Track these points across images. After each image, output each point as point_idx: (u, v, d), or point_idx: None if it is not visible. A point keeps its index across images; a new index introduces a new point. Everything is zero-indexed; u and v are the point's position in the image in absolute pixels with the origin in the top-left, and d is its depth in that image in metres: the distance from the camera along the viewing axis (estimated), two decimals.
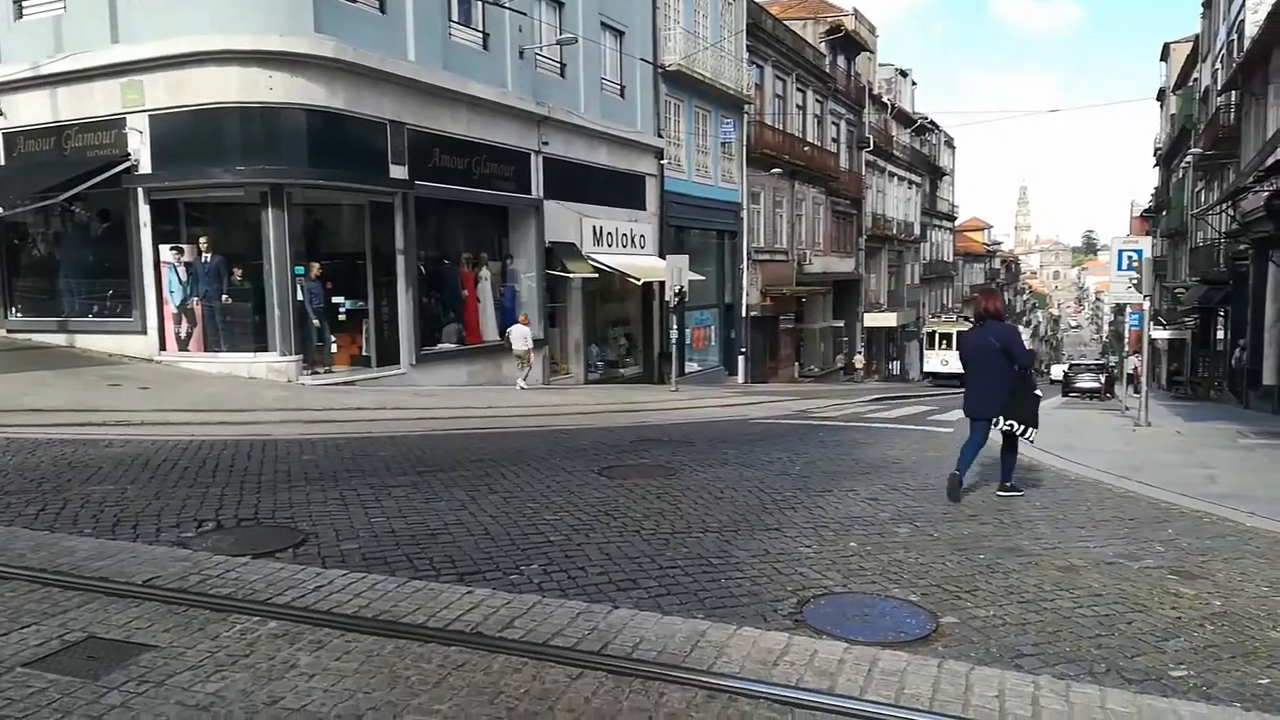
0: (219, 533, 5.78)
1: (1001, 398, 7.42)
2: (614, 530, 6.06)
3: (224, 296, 14.71)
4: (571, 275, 20.63)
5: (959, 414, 16.42)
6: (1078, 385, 34.21)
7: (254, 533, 5.82)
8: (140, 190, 14.60)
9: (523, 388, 18.03)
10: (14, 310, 16.50)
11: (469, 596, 4.56)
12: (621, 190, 23.31)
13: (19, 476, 7.13)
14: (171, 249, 14.74)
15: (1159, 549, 6.04)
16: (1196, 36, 40.72)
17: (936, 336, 42.30)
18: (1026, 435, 7.54)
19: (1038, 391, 7.86)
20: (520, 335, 18.15)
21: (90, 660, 3.75)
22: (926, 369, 42.78)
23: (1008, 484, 7.67)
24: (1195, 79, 40.41)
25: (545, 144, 19.81)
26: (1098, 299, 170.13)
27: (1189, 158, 34.70)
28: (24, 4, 15.67)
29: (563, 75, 20.81)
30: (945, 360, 40.79)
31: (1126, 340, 28.20)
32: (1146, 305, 13.95)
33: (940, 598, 4.90)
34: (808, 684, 3.65)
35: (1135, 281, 13.77)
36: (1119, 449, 10.33)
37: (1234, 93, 27.59)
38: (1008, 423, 7.42)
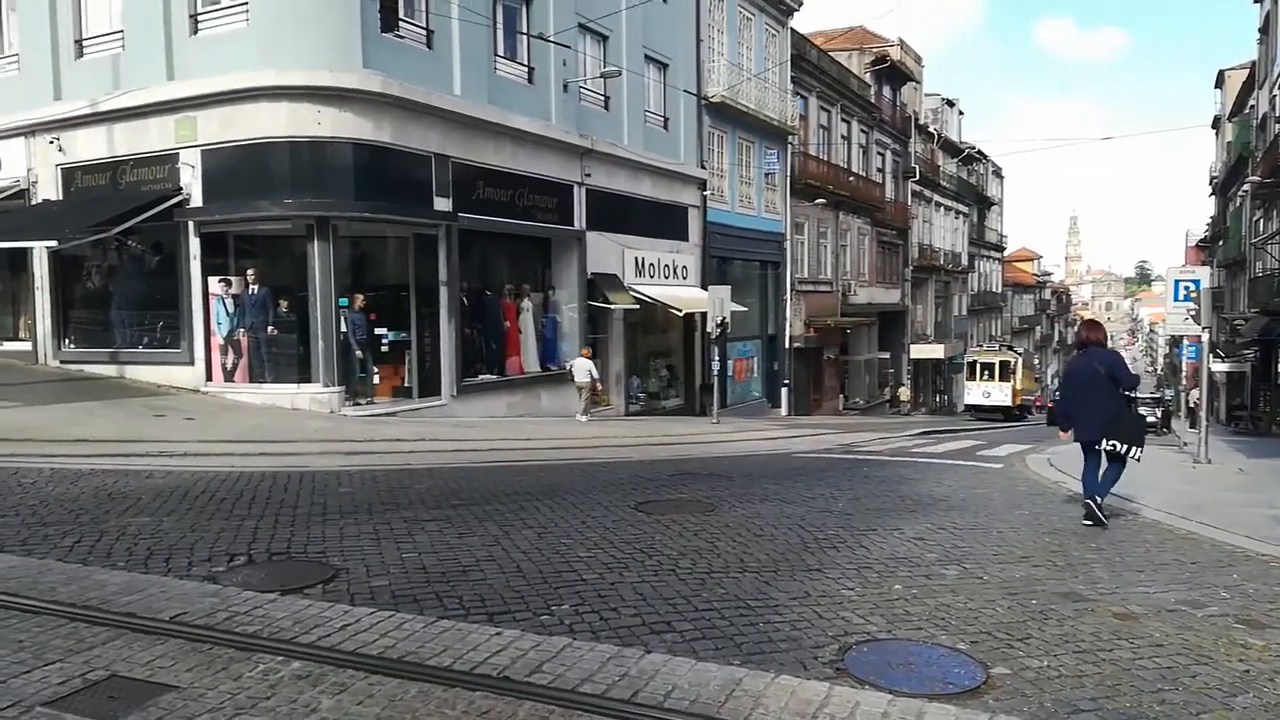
0: (250, 567, 5.73)
1: (1102, 421, 7.71)
2: (649, 569, 5.90)
3: (269, 328, 14.89)
4: (613, 306, 20.61)
5: (1009, 449, 16.13)
6: None
7: (285, 568, 5.76)
8: (191, 223, 14.90)
9: (583, 420, 18.21)
10: (67, 341, 16.85)
11: (497, 638, 4.42)
12: (664, 221, 23.31)
13: (59, 507, 7.16)
14: (220, 281, 14.98)
15: (1224, 595, 5.71)
16: (1253, 63, 39.89)
17: (979, 367, 40.60)
18: (1133, 455, 7.73)
19: (1143, 412, 8.29)
20: (583, 368, 18.53)
21: (110, 700, 3.67)
22: (968, 401, 41.00)
23: (1091, 503, 7.82)
24: (1252, 106, 39.52)
25: (588, 176, 19.89)
26: (1151, 331, 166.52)
27: (1247, 186, 33.84)
28: (84, 44, 16.16)
29: (606, 108, 20.92)
30: (987, 393, 39.56)
31: (1184, 373, 27.41)
32: (1205, 337, 13.48)
33: (990, 646, 4.66)
34: None
35: (1193, 313, 13.33)
36: (1178, 487, 9.92)
37: None
38: (1110, 443, 7.67)
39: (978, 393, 39.85)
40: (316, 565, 5.80)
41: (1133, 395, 8.04)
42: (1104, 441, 7.68)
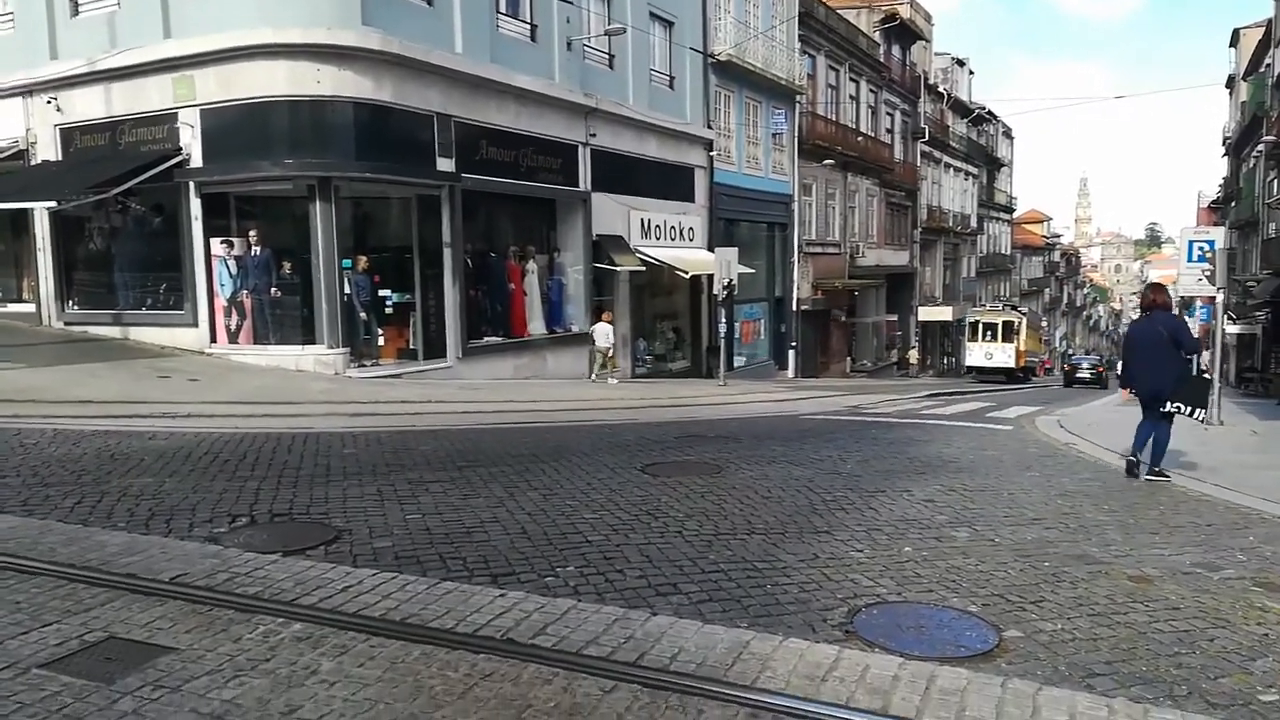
0: (252, 528, 5.67)
1: (1170, 382, 7.98)
2: (655, 531, 5.82)
3: (273, 289, 14.78)
4: (619, 268, 20.43)
5: (1018, 410, 16.02)
6: None
7: (287, 529, 5.70)
8: (191, 184, 14.73)
9: (613, 382, 18.68)
10: (71, 303, 16.78)
11: (501, 600, 4.35)
12: (670, 182, 23.03)
13: (60, 468, 7.11)
14: (222, 242, 14.84)
15: (1240, 558, 5.62)
16: (1269, 21, 39.11)
17: (980, 327, 38.80)
18: (1196, 416, 8.10)
19: (1206, 375, 9.28)
20: (604, 333, 18.94)
21: (108, 662, 3.61)
22: (969, 362, 39.21)
23: (1156, 469, 8.07)
24: (1268, 64, 38.82)
25: (593, 136, 19.61)
26: None
27: (1261, 146, 33.34)
28: (80, 2, 15.89)
29: (611, 66, 20.58)
30: (990, 354, 37.93)
31: (1212, 334, 27.07)
32: (1220, 298, 13.29)
33: (1002, 609, 4.58)
34: (859, 703, 3.37)
35: (1208, 274, 13.14)
36: (1192, 449, 9.77)
37: None
38: (1174, 405, 7.93)
39: (980, 353, 38.31)
40: (319, 526, 5.74)
41: (1195, 356, 8.49)
42: (1168, 404, 7.94)
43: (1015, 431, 12.21)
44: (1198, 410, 8.02)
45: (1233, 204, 48.88)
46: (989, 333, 38.22)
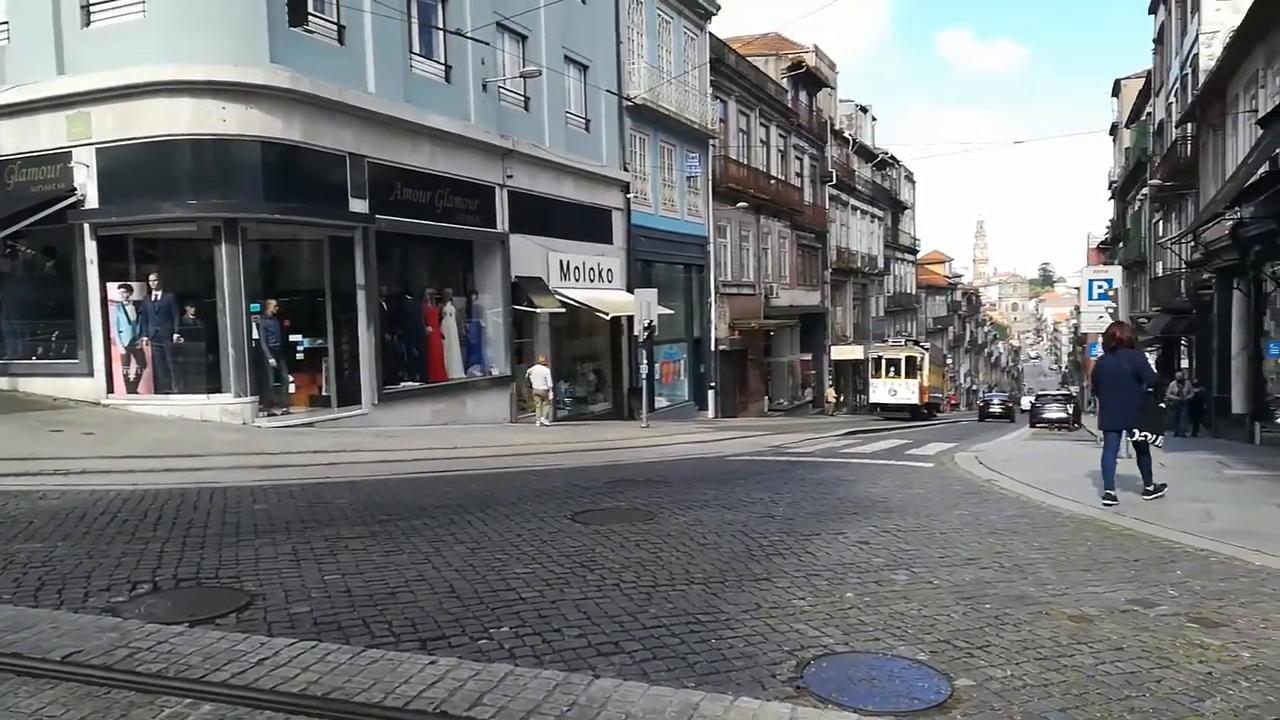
0: (155, 596, 5.23)
1: (1133, 413, 8.88)
2: (591, 584, 5.59)
3: (175, 336, 14.12)
4: (538, 310, 20.22)
5: (936, 447, 16.28)
6: (1045, 416, 34.20)
7: (194, 595, 5.28)
8: (86, 226, 14.03)
9: (545, 423, 18.63)
10: None
11: (432, 668, 4.06)
12: (588, 224, 23.01)
13: None
14: (120, 287, 14.14)
15: (1172, 593, 5.68)
16: (1149, 72, 41.55)
17: (884, 363, 38.30)
18: (1156, 442, 9.21)
19: (1162, 405, 10.09)
20: (540, 375, 19.06)
21: None
22: (874, 399, 38.59)
23: (1149, 487, 8.99)
24: (1149, 113, 41.16)
25: (510, 177, 19.47)
26: (1055, 330, 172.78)
27: (1146, 190, 35.18)
28: None
29: (527, 108, 20.53)
30: (894, 390, 37.59)
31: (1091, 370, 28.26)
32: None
33: (951, 655, 4.48)
34: None
35: (1111, 310, 13.63)
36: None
37: (1190, 125, 28.01)
38: (1142, 434, 8.90)
39: (884, 390, 37.87)
40: (229, 592, 5.33)
41: (1155, 389, 9.88)
42: (1135, 433, 8.91)
43: (937, 469, 12.35)
44: (1157, 437, 9.20)
45: (1120, 244, 51.40)
46: (892, 369, 37.90)
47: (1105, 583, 5.91)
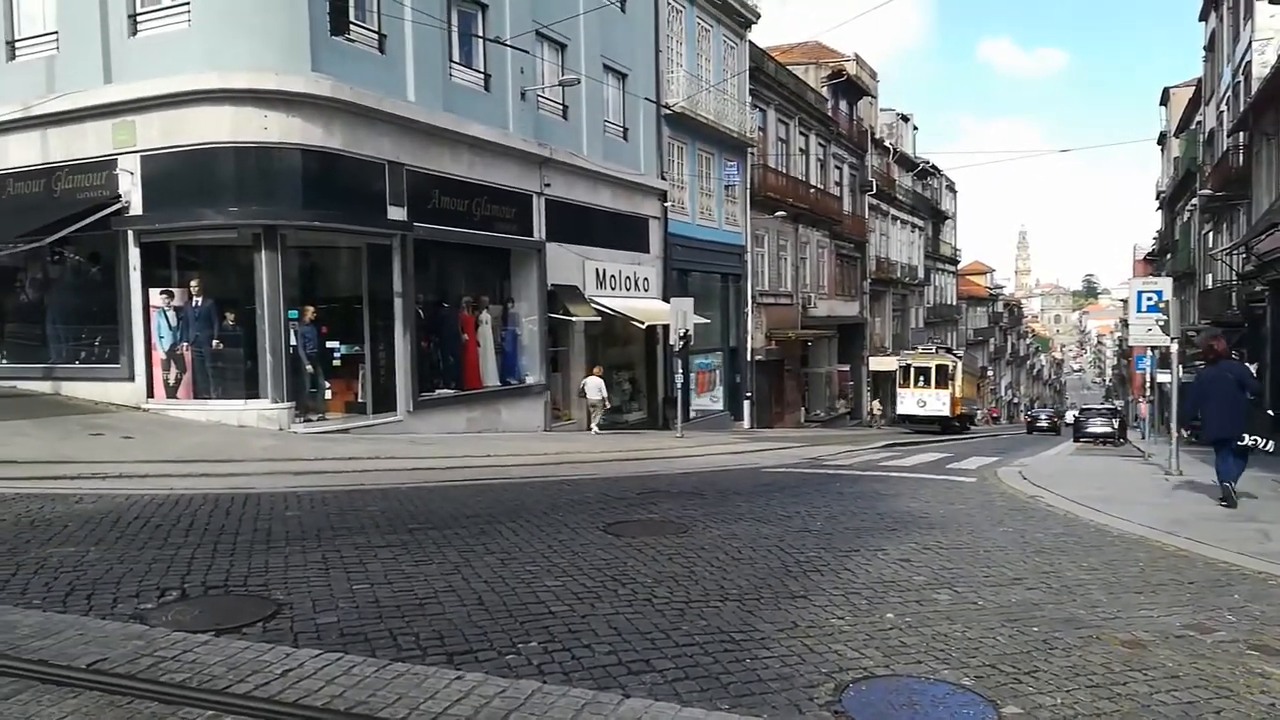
0: (183, 603, 5.19)
1: (1239, 421, 9.29)
2: (623, 599, 5.46)
3: (215, 342, 14.21)
4: (574, 319, 20.16)
5: (978, 461, 15.94)
6: (1089, 430, 33.45)
7: (222, 603, 5.23)
8: (130, 233, 14.18)
9: (596, 432, 19.72)
10: None
11: (458, 683, 3.95)
12: (624, 233, 22.93)
13: None
14: (161, 293, 14.28)
15: (1230, 618, 5.42)
16: (1199, 80, 40.70)
17: (913, 372, 35.45)
18: (1266, 447, 9.69)
19: (1270, 411, 10.95)
20: (595, 386, 20.13)
21: None
22: (901, 411, 35.92)
23: (1229, 486, 9.44)
24: (1198, 122, 40.31)
25: (547, 186, 19.45)
26: (1099, 342, 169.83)
27: (1195, 200, 34.39)
28: (17, 45, 15.40)
29: (565, 117, 20.52)
30: (923, 401, 34.62)
31: (1136, 384, 27.67)
32: (1175, 348, 13.37)
33: (997, 681, 4.29)
34: None
35: (1162, 324, 13.24)
36: (1157, 501, 9.71)
37: (1242, 134, 27.34)
38: (1252, 439, 9.31)
39: (911, 401, 35.05)
40: (257, 600, 5.28)
41: (1259, 397, 10.75)
42: (1245, 438, 9.30)
43: (979, 484, 12.05)
44: (1269, 442, 9.65)
45: (1168, 256, 50.35)
46: (921, 378, 35.13)
47: (1159, 606, 5.66)
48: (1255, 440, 9.25)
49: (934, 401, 34.71)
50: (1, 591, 5.27)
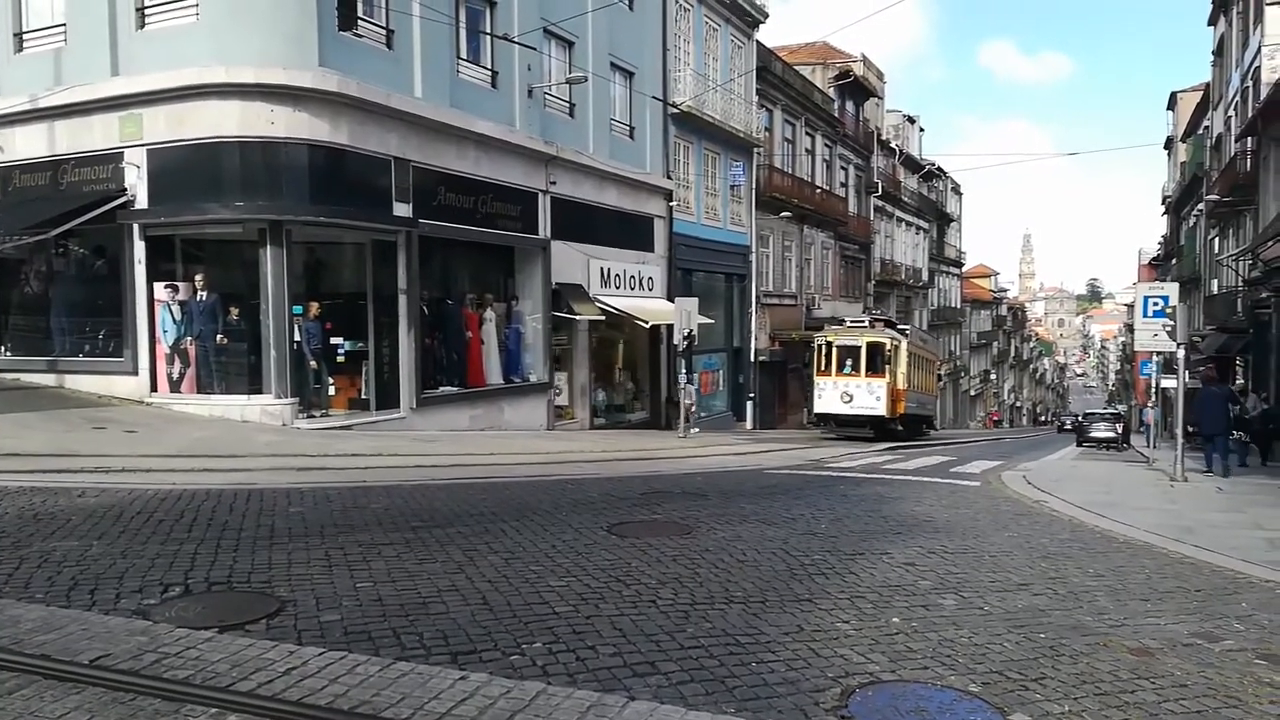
0: (186, 599, 5.17)
1: (1224, 424, 15.35)
2: (627, 600, 5.43)
3: (219, 336, 14.19)
4: (578, 317, 20.14)
5: (981, 465, 15.92)
6: (1093, 435, 33.41)
7: (225, 600, 5.21)
8: (135, 226, 14.17)
9: (683, 435, 20.27)
10: (3, 349, 16.00)
11: (463, 683, 3.93)
12: (629, 232, 22.90)
13: None
14: (166, 287, 14.27)
15: (1237, 627, 5.39)
16: (1207, 85, 40.58)
17: (835, 353, 24.74)
18: (1244, 438, 16.27)
19: (1248, 417, 17.36)
20: (688, 392, 21.25)
21: None
22: (819, 409, 25.46)
23: (1221, 475, 13.87)
24: (1206, 127, 40.18)
25: (553, 184, 19.42)
26: (1103, 346, 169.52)
27: (1202, 205, 34.29)
28: (24, 37, 15.39)
29: (571, 115, 20.49)
30: (848, 394, 24.23)
31: (1140, 389, 27.65)
32: (1182, 353, 13.33)
33: (1005, 688, 4.26)
34: None
35: (1169, 329, 13.20)
36: (1162, 507, 9.67)
37: (1250, 139, 27.24)
38: (1238, 434, 15.53)
39: (833, 394, 24.50)
40: (260, 597, 5.26)
41: (1240, 408, 17.19)
42: (1234, 434, 14.25)
43: (983, 488, 12.02)
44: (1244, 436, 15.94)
45: (1174, 261, 50.21)
46: (848, 361, 24.64)
47: (1166, 614, 5.63)
48: (1241, 435, 11.82)
49: (863, 395, 24.34)
50: (5, 586, 5.25)
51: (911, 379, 26.71)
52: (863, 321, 26.60)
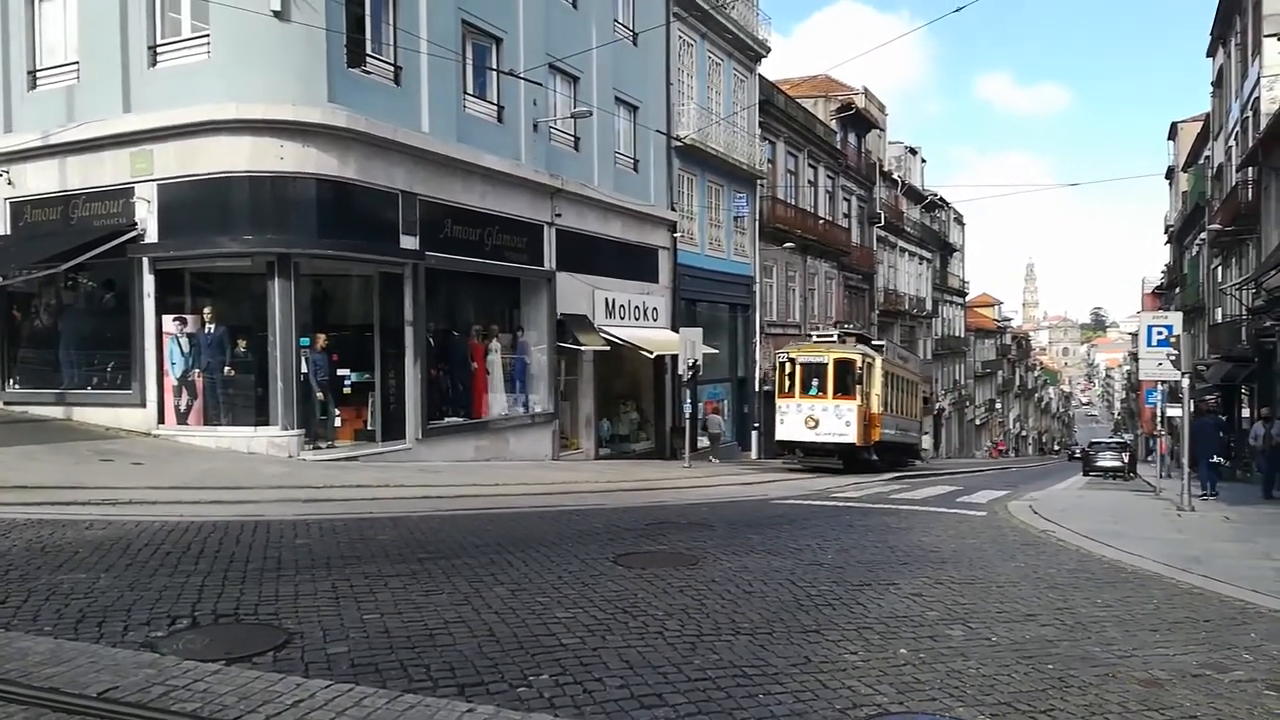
0: (193, 631, 5.18)
1: (1215, 450, 17.30)
2: (634, 631, 5.43)
3: (226, 368, 14.28)
4: (583, 348, 20.21)
5: (988, 495, 15.88)
6: (1099, 464, 33.23)
7: (232, 632, 5.21)
8: (145, 260, 14.30)
9: (714, 461, 21.35)
10: (12, 382, 16.08)
11: (469, 716, 3.93)
12: (634, 263, 23.03)
13: None
14: (174, 319, 14.38)
15: (1247, 658, 5.37)
16: (1207, 115, 40.85)
17: (799, 373, 22.19)
18: (1225, 462, 19.04)
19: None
20: (716, 422, 23.20)
21: None
22: (780, 436, 22.76)
23: (1211, 493, 15.59)
24: (1207, 156, 40.40)
25: (558, 216, 19.58)
26: (1108, 375, 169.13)
27: (1204, 234, 34.38)
28: (38, 75, 15.62)
29: (576, 148, 20.69)
30: (813, 419, 21.73)
31: (1146, 418, 27.62)
32: (1186, 383, 13.33)
33: (1013, 719, 4.24)
34: None
35: (1173, 358, 13.21)
36: (1170, 536, 9.63)
37: (1251, 169, 27.39)
38: (1222, 460, 17.72)
39: (796, 420, 22.00)
40: (267, 629, 5.26)
41: (1225, 436, 19.85)
42: (1217, 459, 15.15)
43: (990, 518, 11.99)
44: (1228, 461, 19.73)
45: (1177, 290, 50.24)
46: (814, 382, 22.09)
47: (1175, 644, 5.61)
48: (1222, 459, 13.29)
49: (831, 420, 21.76)
50: (13, 618, 5.26)
51: (889, 401, 24.12)
52: (831, 336, 24.29)
